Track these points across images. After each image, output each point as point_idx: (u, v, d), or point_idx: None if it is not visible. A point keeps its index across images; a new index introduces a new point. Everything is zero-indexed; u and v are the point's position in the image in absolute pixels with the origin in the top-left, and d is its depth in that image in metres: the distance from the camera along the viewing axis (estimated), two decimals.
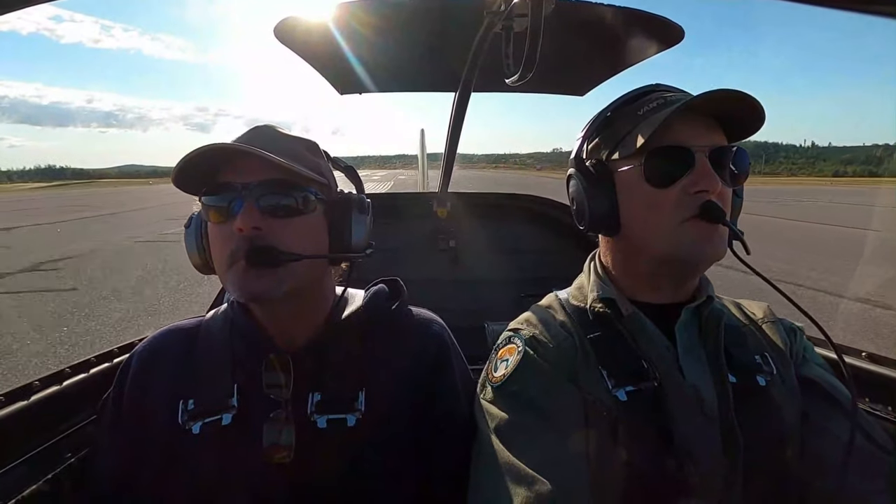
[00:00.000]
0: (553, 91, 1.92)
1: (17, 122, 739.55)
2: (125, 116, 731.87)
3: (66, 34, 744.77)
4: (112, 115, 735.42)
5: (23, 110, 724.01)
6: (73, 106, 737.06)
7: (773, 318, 0.81)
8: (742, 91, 0.61)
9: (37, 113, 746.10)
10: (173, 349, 0.78)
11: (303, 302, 0.75)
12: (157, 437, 0.71)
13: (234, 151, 0.65)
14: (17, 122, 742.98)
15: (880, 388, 0.95)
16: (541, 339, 0.74)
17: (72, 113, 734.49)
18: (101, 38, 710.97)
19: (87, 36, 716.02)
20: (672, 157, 0.66)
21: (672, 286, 0.75)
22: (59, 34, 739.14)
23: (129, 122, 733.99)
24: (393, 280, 0.90)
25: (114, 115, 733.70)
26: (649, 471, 0.64)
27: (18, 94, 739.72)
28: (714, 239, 0.66)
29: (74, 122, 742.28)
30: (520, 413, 0.68)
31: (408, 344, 0.81)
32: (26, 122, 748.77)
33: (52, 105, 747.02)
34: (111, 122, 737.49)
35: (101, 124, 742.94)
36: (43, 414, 0.83)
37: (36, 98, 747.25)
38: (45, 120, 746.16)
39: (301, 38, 1.29)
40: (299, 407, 0.71)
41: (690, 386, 0.68)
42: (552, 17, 0.87)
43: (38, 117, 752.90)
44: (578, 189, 0.77)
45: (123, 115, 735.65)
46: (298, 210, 0.69)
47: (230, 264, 0.67)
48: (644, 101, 0.71)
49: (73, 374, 0.92)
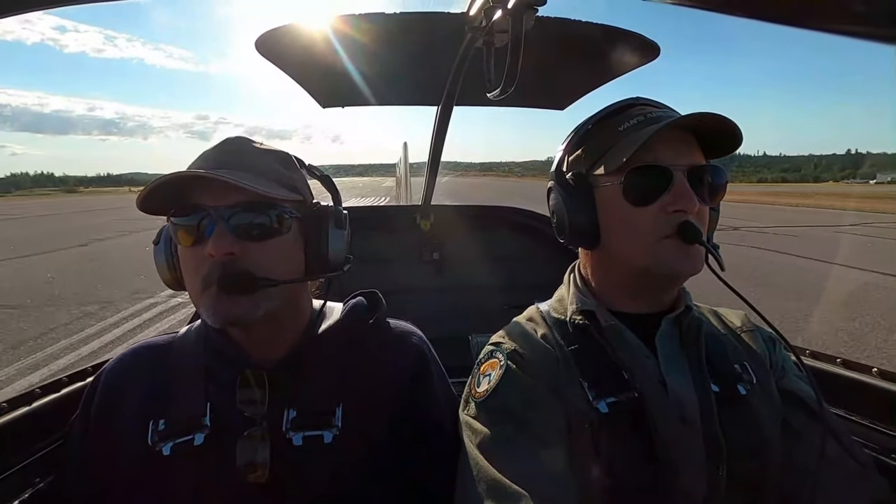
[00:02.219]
0: (534, 105, 1.95)
1: (18, 130, 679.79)
2: (126, 124, 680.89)
3: (70, 44, 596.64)
4: (113, 123, 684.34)
5: (24, 119, 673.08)
6: (75, 114, 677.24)
7: (752, 327, 0.82)
8: (720, 115, 0.63)
9: (38, 121, 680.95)
10: (143, 367, 0.75)
11: (279, 320, 0.73)
12: (127, 459, 0.68)
13: (204, 178, 0.63)
14: (19, 130, 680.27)
15: (855, 393, 0.97)
16: (522, 353, 0.74)
17: (73, 121, 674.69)
18: (105, 47, 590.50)
19: (91, 46, 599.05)
20: (651, 177, 0.67)
21: (651, 297, 0.75)
22: (64, 44, 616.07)
23: (129, 129, 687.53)
24: (371, 293, 0.89)
25: (114, 123, 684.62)
26: (632, 481, 0.64)
27: (21, 102, 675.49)
28: (691, 256, 0.67)
29: (75, 129, 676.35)
30: (503, 427, 0.67)
31: (386, 357, 0.80)
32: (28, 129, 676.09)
33: (53, 113, 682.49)
34: (112, 129, 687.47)
35: (102, 132, 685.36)
36: (11, 437, 0.79)
37: (38, 106, 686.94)
38: (46, 128, 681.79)
39: (282, 52, 1.29)
40: (275, 424, 0.69)
41: (672, 395, 0.68)
42: (532, 33, 0.89)
43: (40, 125, 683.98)
44: (559, 202, 0.77)
45: (124, 123, 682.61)
46: (273, 231, 0.67)
47: (203, 289, 0.65)
48: (625, 115, 0.72)
49: (43, 395, 0.88)
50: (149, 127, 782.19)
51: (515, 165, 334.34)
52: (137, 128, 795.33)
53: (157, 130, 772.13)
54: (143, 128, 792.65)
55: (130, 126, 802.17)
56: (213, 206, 0.64)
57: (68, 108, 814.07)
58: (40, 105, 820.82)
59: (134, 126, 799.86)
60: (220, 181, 0.62)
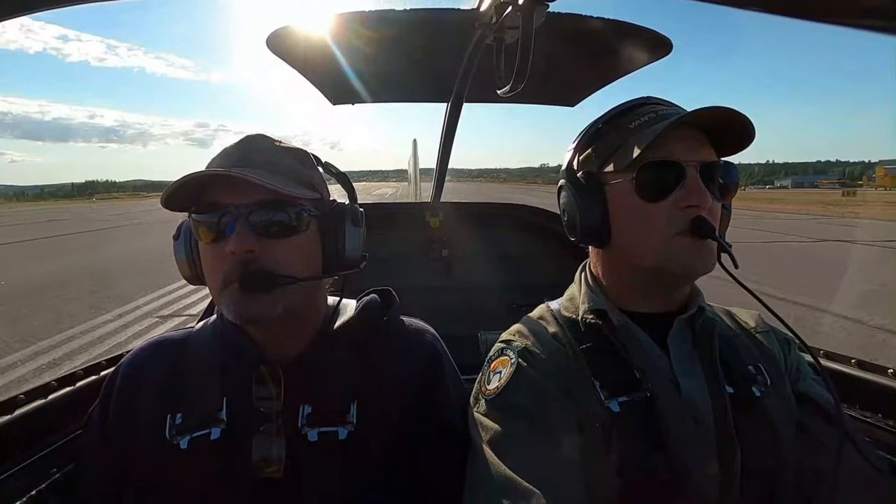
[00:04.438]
0: (544, 102, 1.94)
1: (19, 137, 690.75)
2: (126, 132, 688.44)
3: (73, 53, 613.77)
4: (113, 131, 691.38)
5: (25, 126, 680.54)
6: (75, 122, 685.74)
7: (766, 328, 0.81)
8: (732, 108, 0.62)
9: (39, 128, 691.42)
10: (160, 362, 0.76)
11: (296, 318, 0.74)
12: (144, 452, 0.69)
13: (226, 176, 0.64)
14: (20, 137, 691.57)
15: (870, 395, 0.95)
16: (533, 351, 0.74)
17: (73, 128, 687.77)
18: (107, 56, 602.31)
19: (93, 55, 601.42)
20: (663, 172, 0.67)
21: (663, 296, 0.75)
22: (66, 53, 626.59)
23: (129, 137, 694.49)
24: (385, 290, 0.89)
25: (114, 131, 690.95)
26: (644, 481, 0.64)
27: (22, 110, 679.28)
28: (703, 253, 0.66)
29: (75, 137, 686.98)
30: (513, 425, 0.67)
31: (400, 354, 0.80)
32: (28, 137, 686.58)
33: (54, 121, 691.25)
34: (112, 137, 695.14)
35: (102, 139, 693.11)
36: (28, 428, 0.81)
37: (39, 114, 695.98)
38: (46, 135, 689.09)
39: (293, 49, 1.30)
40: (290, 420, 0.70)
41: (685, 396, 0.68)
42: (543, 29, 0.88)
43: (40, 133, 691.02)
44: (569, 200, 0.77)
45: (124, 131, 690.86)
46: (292, 229, 0.68)
47: (224, 286, 0.66)
48: (635, 113, 0.71)
49: (59, 388, 0.90)
50: (149, 134, 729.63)
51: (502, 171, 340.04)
52: (137, 135, 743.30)
53: (157, 138, 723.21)
54: (143, 135, 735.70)
55: (130, 134, 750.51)
56: (234, 203, 0.65)
57: (69, 115, 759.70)
58: (41, 113, 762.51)
59: (134, 134, 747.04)
60: (242, 179, 0.63)
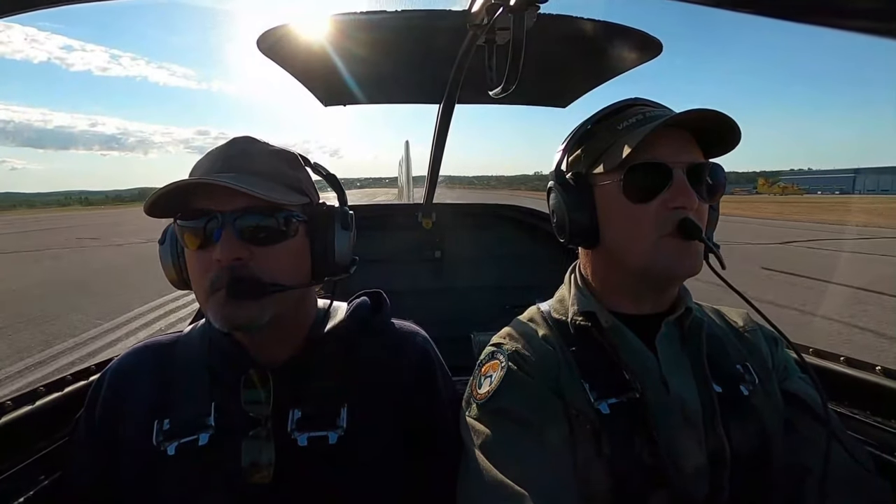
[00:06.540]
0: (536, 103, 1.94)
1: (20, 145, 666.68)
2: (127, 140, 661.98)
3: (77, 62, 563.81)
4: (114, 139, 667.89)
5: (27, 134, 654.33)
6: (77, 130, 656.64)
7: (754, 327, 0.82)
8: (719, 111, 0.63)
9: (40, 137, 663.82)
10: (148, 367, 0.75)
11: (285, 323, 0.73)
12: (132, 459, 0.68)
13: (210, 183, 0.62)
14: (21, 145, 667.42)
15: (858, 391, 0.97)
16: (524, 354, 0.74)
17: (75, 136, 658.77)
18: (110, 66, 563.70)
19: (96, 64, 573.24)
20: (651, 173, 0.67)
21: (651, 297, 0.75)
22: (70, 62, 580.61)
23: (130, 145, 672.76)
24: (376, 292, 0.88)
25: (116, 139, 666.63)
26: (634, 482, 0.64)
27: (24, 118, 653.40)
28: (691, 254, 0.67)
29: (76, 145, 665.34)
30: (505, 429, 0.67)
31: (391, 357, 0.80)
32: (29, 145, 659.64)
33: (56, 129, 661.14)
34: (113, 145, 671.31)
35: (103, 147, 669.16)
36: (15, 435, 0.79)
37: (41, 122, 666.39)
38: (48, 143, 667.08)
39: (284, 50, 1.29)
40: (279, 425, 0.69)
41: (674, 396, 0.68)
42: (534, 31, 0.88)
43: (42, 141, 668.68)
44: (559, 202, 0.77)
45: (126, 139, 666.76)
46: (281, 234, 0.67)
47: (210, 293, 0.64)
48: (624, 115, 0.72)
49: (47, 393, 0.88)
50: (150, 142, 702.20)
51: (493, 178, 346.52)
52: (138, 143, 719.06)
53: (158, 146, 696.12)
54: (144, 143, 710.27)
55: (131, 142, 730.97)
56: (219, 210, 0.64)
57: (71, 123, 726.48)
58: (43, 121, 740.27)
59: (135, 142, 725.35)
60: (227, 187, 0.62)
